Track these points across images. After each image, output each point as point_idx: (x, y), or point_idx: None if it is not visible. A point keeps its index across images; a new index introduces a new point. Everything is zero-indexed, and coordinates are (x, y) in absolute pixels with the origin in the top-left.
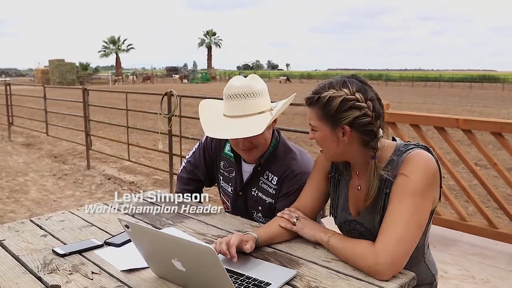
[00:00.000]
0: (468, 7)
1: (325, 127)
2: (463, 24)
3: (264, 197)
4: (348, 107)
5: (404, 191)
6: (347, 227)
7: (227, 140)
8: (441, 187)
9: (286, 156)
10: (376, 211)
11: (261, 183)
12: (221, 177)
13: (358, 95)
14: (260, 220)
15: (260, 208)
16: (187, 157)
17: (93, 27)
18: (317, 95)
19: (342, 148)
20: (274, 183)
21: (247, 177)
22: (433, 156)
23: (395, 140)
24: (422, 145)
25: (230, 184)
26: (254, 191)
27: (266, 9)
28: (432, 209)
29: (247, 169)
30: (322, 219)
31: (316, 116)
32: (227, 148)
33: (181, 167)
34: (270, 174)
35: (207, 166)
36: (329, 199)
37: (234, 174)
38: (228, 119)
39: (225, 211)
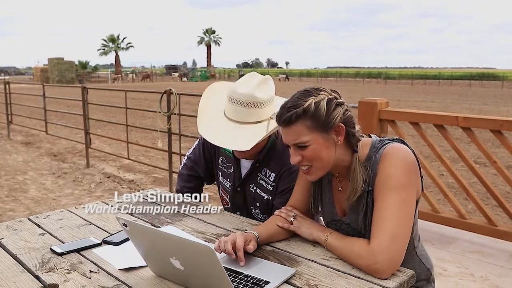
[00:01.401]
0: (468, 5)
1: (318, 137)
2: (463, 21)
3: (262, 193)
4: (335, 105)
5: (388, 186)
6: (334, 226)
7: None
8: (422, 177)
9: (284, 153)
10: (359, 210)
11: (259, 180)
12: (220, 173)
13: (334, 94)
14: (258, 216)
15: (258, 204)
16: (188, 153)
17: (93, 25)
18: (300, 107)
19: (337, 151)
20: (272, 180)
21: (245, 173)
22: (409, 147)
23: (371, 137)
24: (396, 138)
25: (228, 180)
26: (252, 187)
27: (266, 7)
28: (416, 199)
29: (246, 164)
30: (320, 217)
31: (306, 129)
32: None
33: (182, 164)
34: (268, 171)
35: (207, 162)
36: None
37: (232, 169)
38: (224, 121)
39: (224, 207)
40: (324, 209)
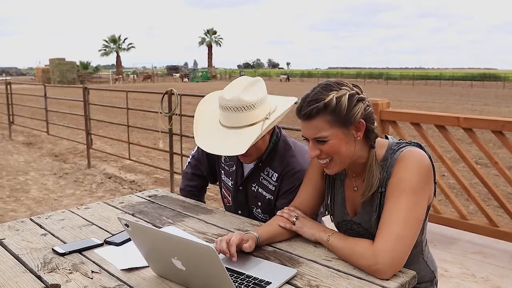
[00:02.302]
0: (468, 4)
1: (338, 132)
2: (464, 21)
3: (264, 193)
4: (356, 101)
5: (400, 189)
6: (344, 226)
7: None
8: (435, 183)
9: (286, 153)
10: (372, 210)
11: (261, 179)
12: (222, 171)
13: (356, 89)
14: (260, 216)
15: (259, 203)
16: (192, 152)
17: (94, 26)
18: (322, 102)
19: (356, 147)
20: (274, 180)
21: (247, 172)
22: (425, 152)
23: (387, 138)
24: (414, 142)
25: (230, 178)
26: (254, 187)
27: (266, 7)
28: (428, 204)
29: (249, 164)
30: (323, 218)
31: (327, 124)
32: None
33: (187, 163)
34: (270, 171)
35: (210, 161)
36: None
37: (234, 168)
38: (220, 128)
39: (226, 206)
40: (334, 209)
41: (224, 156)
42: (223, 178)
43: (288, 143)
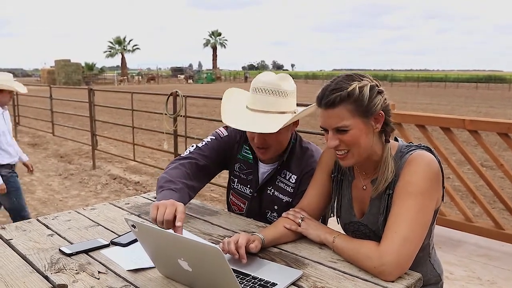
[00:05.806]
0: (473, 5)
1: (358, 122)
2: (469, 22)
3: (281, 196)
4: (377, 92)
5: (407, 192)
6: (351, 228)
7: (243, 143)
8: (443, 187)
9: (304, 154)
10: (379, 212)
11: (278, 182)
12: (236, 180)
13: (376, 81)
14: (275, 220)
15: (276, 207)
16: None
17: (99, 27)
18: (345, 91)
19: (373, 139)
20: (293, 182)
21: (263, 178)
22: (435, 156)
23: (397, 141)
24: (424, 145)
25: (248, 186)
26: (270, 191)
27: (269, 9)
28: (435, 208)
29: (263, 169)
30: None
31: (349, 113)
32: (243, 150)
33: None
34: (288, 173)
35: (220, 160)
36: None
37: (253, 176)
38: (248, 112)
39: (236, 213)
40: (341, 211)
41: (240, 163)
42: (236, 187)
43: (305, 144)
